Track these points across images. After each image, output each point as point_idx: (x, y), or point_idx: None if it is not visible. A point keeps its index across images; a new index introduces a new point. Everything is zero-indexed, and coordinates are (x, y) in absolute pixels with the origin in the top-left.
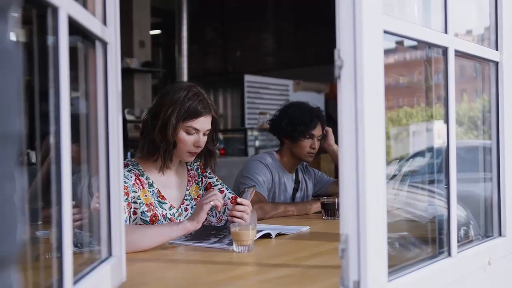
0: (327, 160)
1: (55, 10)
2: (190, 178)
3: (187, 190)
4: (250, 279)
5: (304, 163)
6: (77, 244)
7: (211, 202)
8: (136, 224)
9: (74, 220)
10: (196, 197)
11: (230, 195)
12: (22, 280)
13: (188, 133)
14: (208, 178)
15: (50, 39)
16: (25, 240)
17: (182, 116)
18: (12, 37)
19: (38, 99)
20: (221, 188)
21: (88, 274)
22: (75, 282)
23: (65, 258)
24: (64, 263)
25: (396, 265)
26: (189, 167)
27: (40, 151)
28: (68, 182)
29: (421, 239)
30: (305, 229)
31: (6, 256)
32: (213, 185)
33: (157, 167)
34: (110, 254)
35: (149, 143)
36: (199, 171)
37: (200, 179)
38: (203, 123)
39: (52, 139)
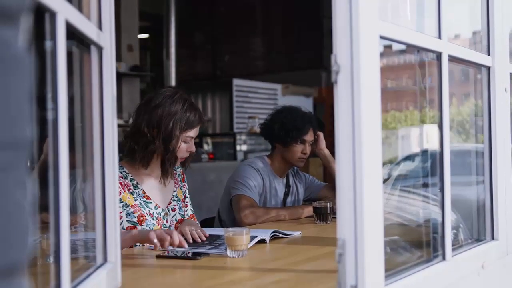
0: (315, 164)
1: (53, 15)
2: (176, 181)
3: (174, 191)
4: (245, 284)
5: (295, 167)
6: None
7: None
8: (122, 227)
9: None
10: (181, 200)
11: (190, 213)
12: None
13: (185, 141)
14: (186, 188)
15: (47, 44)
16: (34, 247)
17: (183, 128)
18: (23, 43)
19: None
20: (187, 202)
21: (84, 280)
22: None
23: (62, 264)
24: (62, 269)
25: (392, 269)
26: (173, 170)
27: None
28: (65, 187)
29: (414, 243)
30: (297, 233)
31: (19, 263)
32: (185, 196)
33: (150, 173)
34: (105, 260)
35: (149, 153)
36: (180, 178)
37: (183, 184)
38: (197, 130)
39: (48, 144)
